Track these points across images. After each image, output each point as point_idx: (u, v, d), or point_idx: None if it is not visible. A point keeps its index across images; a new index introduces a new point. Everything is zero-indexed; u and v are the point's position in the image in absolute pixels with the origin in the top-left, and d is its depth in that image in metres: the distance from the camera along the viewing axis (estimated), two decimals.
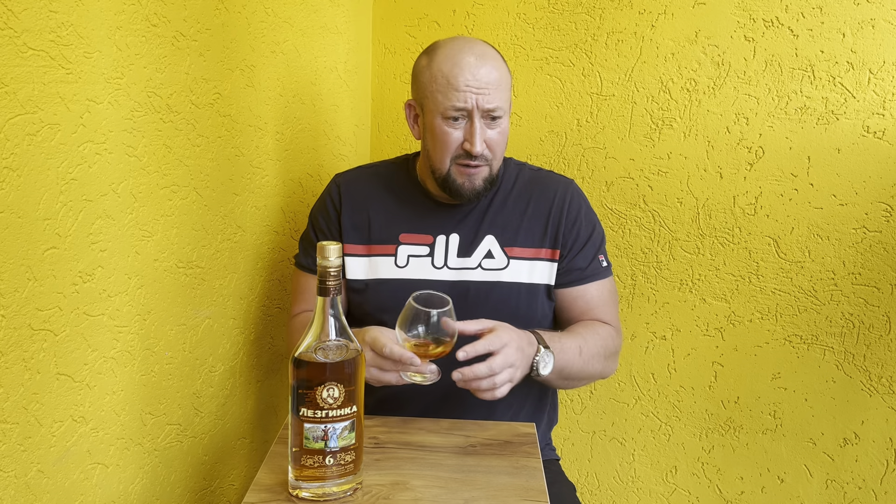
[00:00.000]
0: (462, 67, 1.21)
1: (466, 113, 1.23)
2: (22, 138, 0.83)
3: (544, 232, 1.33)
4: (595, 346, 1.27)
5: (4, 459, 0.86)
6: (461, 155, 1.25)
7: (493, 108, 1.22)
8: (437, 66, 1.24)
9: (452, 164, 1.26)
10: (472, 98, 1.21)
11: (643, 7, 1.74)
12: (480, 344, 1.07)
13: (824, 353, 1.76)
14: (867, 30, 1.61)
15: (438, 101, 1.23)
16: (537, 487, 1.02)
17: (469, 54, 1.23)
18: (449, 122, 1.24)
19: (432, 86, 1.24)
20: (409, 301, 1.07)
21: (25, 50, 0.82)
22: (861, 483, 1.77)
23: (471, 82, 1.21)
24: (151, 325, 1.11)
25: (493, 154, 1.26)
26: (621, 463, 1.96)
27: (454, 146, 1.25)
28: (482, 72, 1.21)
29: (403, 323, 1.07)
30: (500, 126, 1.25)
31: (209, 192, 1.23)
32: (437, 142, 1.26)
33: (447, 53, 1.24)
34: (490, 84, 1.21)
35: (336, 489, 0.97)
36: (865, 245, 1.69)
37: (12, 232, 0.83)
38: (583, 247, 1.33)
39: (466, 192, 1.28)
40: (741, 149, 1.73)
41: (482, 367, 1.05)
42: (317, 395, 0.92)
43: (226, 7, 1.22)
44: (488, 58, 1.24)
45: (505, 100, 1.25)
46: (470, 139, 1.23)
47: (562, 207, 1.33)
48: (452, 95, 1.21)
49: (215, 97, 1.21)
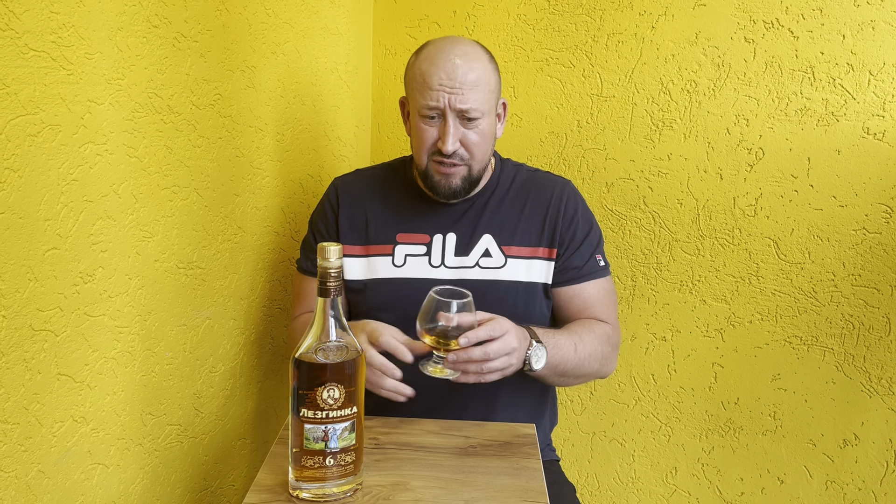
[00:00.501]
0: (438, 66, 1.22)
1: (440, 112, 1.23)
2: (23, 139, 0.83)
3: (541, 231, 1.33)
4: (591, 344, 1.27)
5: (5, 459, 0.86)
6: (436, 152, 1.26)
7: (467, 109, 1.22)
8: (417, 65, 1.26)
9: (429, 161, 1.27)
10: (445, 97, 1.22)
11: (643, 8, 1.74)
12: (482, 330, 1.06)
13: (824, 355, 1.76)
14: (867, 31, 1.62)
15: (416, 99, 1.25)
16: (537, 488, 1.02)
17: (448, 54, 1.23)
18: (426, 121, 1.25)
19: (413, 83, 1.26)
20: (430, 294, 1.07)
21: (27, 51, 0.83)
22: (861, 484, 1.77)
23: (444, 81, 1.21)
24: (152, 326, 1.11)
25: (470, 154, 1.26)
26: (621, 464, 1.96)
27: (429, 143, 1.26)
28: (458, 72, 1.21)
29: (424, 316, 1.07)
30: (477, 127, 1.25)
31: (210, 193, 1.23)
32: (416, 139, 1.29)
33: (429, 52, 1.25)
34: (465, 84, 1.21)
35: (336, 490, 0.97)
36: (865, 246, 1.69)
37: (13, 232, 0.84)
38: (579, 246, 1.34)
39: (443, 190, 1.29)
40: (741, 150, 1.73)
41: (477, 352, 1.06)
42: (317, 395, 0.92)
43: (227, 8, 1.22)
44: (468, 58, 1.23)
45: (483, 101, 1.24)
46: (442, 138, 1.24)
47: (559, 207, 1.34)
48: (427, 94, 1.22)
49: (216, 98, 1.21)
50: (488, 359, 1.06)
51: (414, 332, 1.29)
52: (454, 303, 1.05)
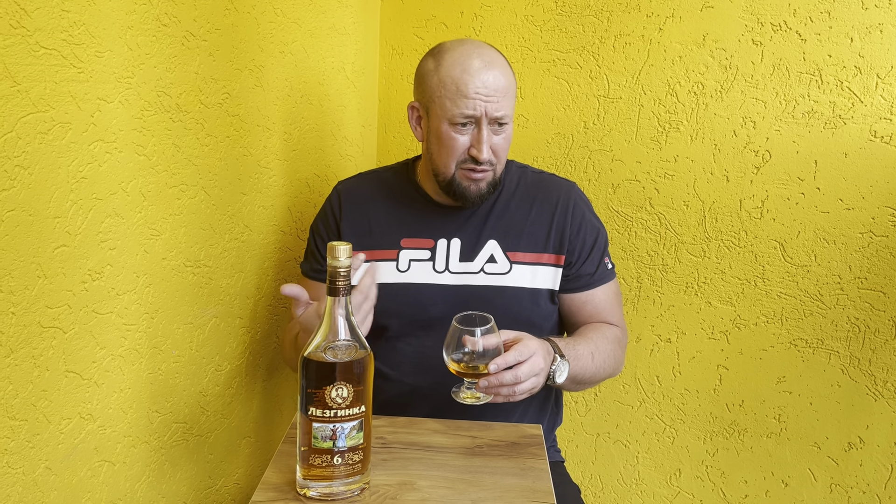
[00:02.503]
0: (472, 74, 1.21)
1: (475, 120, 1.23)
2: (33, 136, 0.84)
3: (547, 237, 1.33)
4: (606, 350, 1.29)
5: (13, 456, 0.86)
6: (467, 160, 1.25)
7: (501, 116, 1.23)
8: (445, 71, 1.23)
9: (458, 168, 1.26)
10: (482, 106, 1.21)
11: (651, 10, 1.74)
12: (511, 355, 1.07)
13: (830, 358, 1.76)
14: (875, 34, 1.61)
15: (447, 108, 1.23)
16: (544, 489, 1.02)
17: (478, 60, 1.22)
18: (457, 129, 1.24)
19: (440, 91, 1.23)
20: (453, 323, 1.07)
21: (38, 49, 0.83)
22: (865, 487, 1.77)
23: (480, 90, 1.21)
24: (159, 324, 1.12)
25: (497, 159, 1.27)
26: (625, 465, 1.96)
27: (460, 151, 1.25)
28: (491, 79, 1.21)
29: (449, 345, 1.08)
30: (505, 132, 1.26)
31: (217, 192, 1.23)
32: (444, 147, 1.26)
33: (456, 59, 1.23)
34: (499, 91, 1.22)
35: (344, 489, 0.97)
36: (872, 249, 1.69)
37: (23, 229, 0.84)
38: (589, 253, 1.34)
39: (472, 196, 1.28)
40: (748, 152, 1.73)
41: (508, 376, 1.06)
42: (325, 394, 0.92)
43: (235, 7, 1.22)
44: (497, 64, 1.24)
45: (511, 107, 1.25)
46: (477, 146, 1.23)
47: (565, 214, 1.34)
48: (462, 103, 1.21)
49: (224, 97, 1.22)
50: (518, 382, 1.07)
51: (418, 341, 1.30)
52: (478, 330, 1.06)
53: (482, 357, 1.06)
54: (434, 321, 1.27)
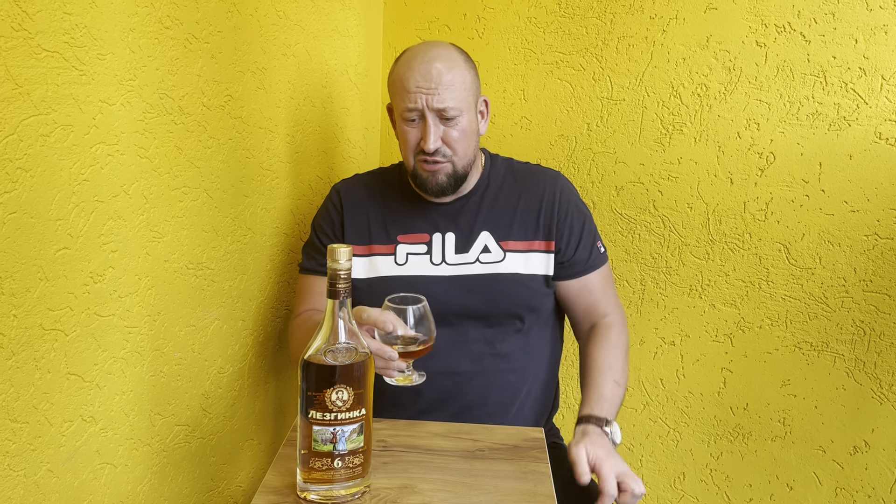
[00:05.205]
0: (413, 70, 1.26)
1: (419, 113, 1.27)
2: (35, 139, 0.84)
3: (536, 225, 1.36)
4: (619, 363, 1.34)
5: (14, 458, 0.86)
6: (420, 152, 1.30)
7: (444, 108, 1.26)
8: (395, 71, 1.31)
9: (416, 160, 1.31)
10: (422, 98, 1.26)
11: (654, 12, 1.74)
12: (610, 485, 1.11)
13: (834, 361, 1.75)
14: (880, 36, 1.61)
15: (397, 103, 1.30)
16: (545, 492, 1.02)
17: (423, 57, 1.27)
18: (408, 123, 1.29)
19: (392, 89, 1.31)
20: (384, 303, 1.10)
21: (39, 51, 0.83)
22: (871, 491, 1.76)
23: (420, 83, 1.25)
24: (161, 326, 1.12)
25: (453, 151, 1.30)
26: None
27: (413, 144, 1.30)
28: (432, 73, 1.25)
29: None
30: (458, 125, 1.29)
31: (219, 194, 1.23)
32: (402, 141, 1.33)
33: (406, 57, 1.30)
34: (440, 84, 1.25)
35: (344, 492, 0.96)
36: (877, 252, 1.68)
37: (25, 232, 0.84)
38: (580, 239, 1.37)
39: (430, 187, 1.32)
40: (752, 154, 1.73)
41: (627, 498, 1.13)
42: (326, 397, 0.92)
43: (238, 10, 1.22)
44: (442, 59, 1.27)
45: (460, 99, 1.27)
46: (424, 137, 1.28)
47: (552, 201, 1.37)
48: (405, 97, 1.27)
49: (226, 99, 1.22)
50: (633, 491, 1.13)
51: None
52: (409, 309, 1.09)
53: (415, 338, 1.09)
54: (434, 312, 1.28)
